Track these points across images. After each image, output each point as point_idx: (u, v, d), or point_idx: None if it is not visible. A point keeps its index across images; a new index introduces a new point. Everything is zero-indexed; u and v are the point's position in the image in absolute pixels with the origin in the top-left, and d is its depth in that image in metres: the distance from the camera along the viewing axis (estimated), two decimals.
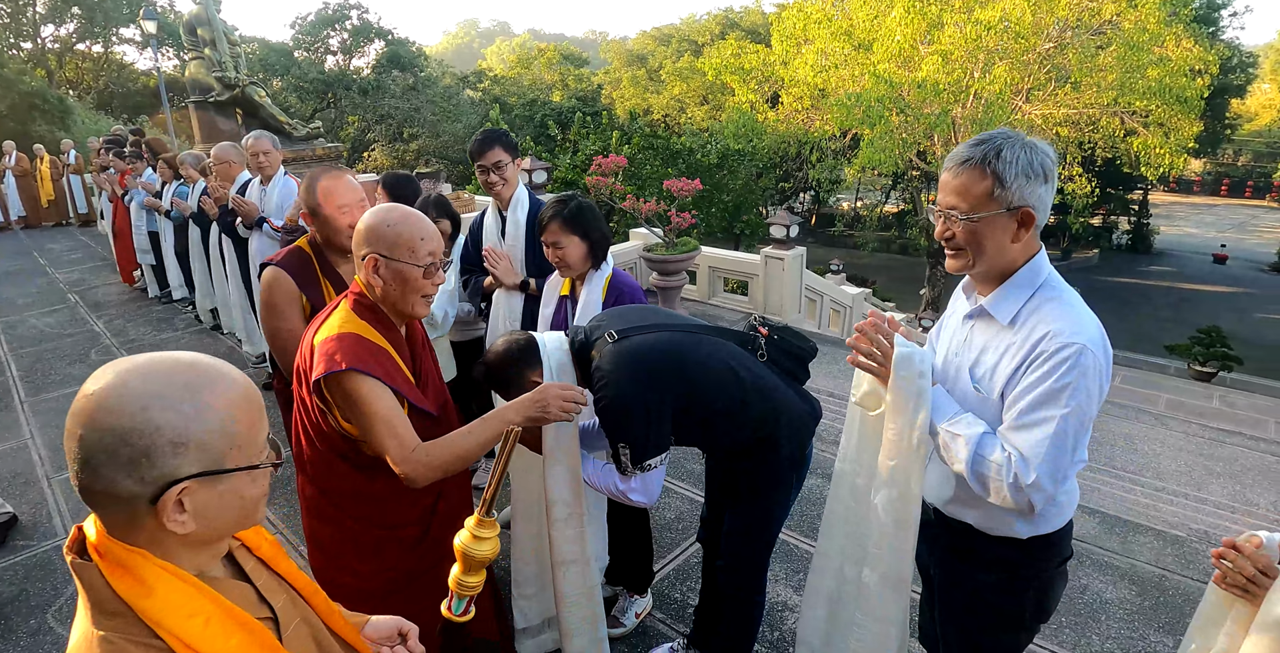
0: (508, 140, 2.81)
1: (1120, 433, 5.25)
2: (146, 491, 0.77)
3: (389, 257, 1.61)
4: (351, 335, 1.60)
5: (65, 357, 5.86)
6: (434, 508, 1.84)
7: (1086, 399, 1.34)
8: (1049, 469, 1.35)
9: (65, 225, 12.44)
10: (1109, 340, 1.40)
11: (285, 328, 2.21)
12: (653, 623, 2.62)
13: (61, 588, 3.04)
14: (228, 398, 0.82)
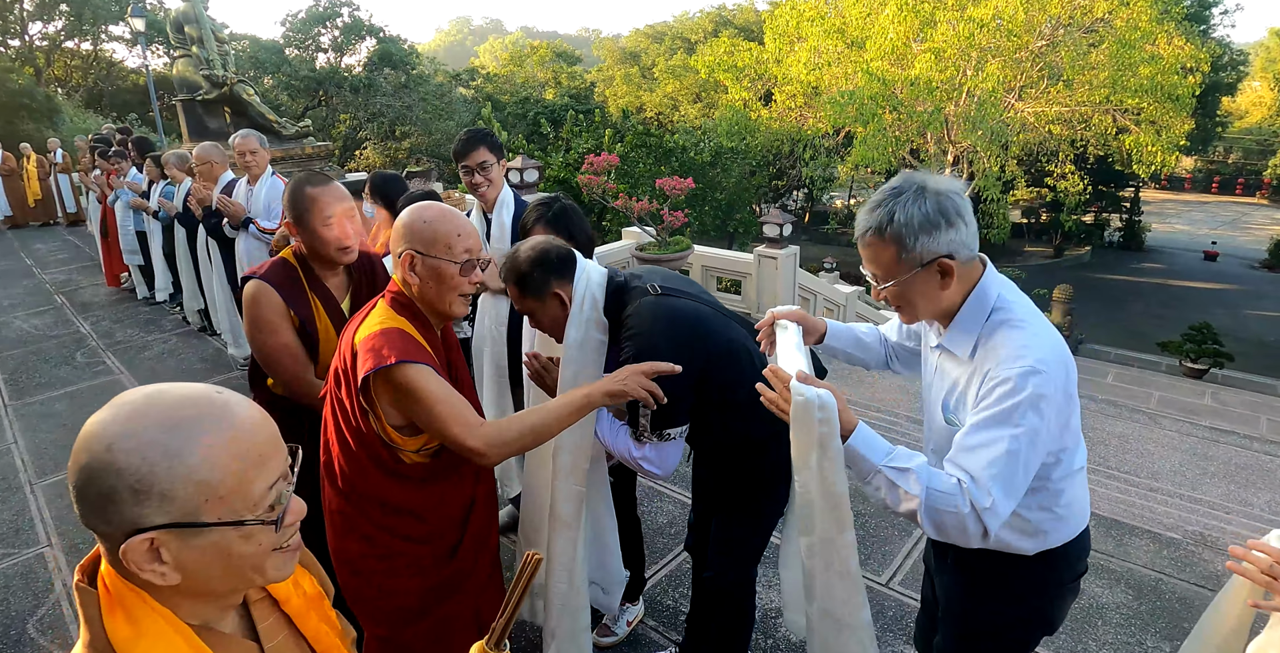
0: (493, 141, 2.76)
1: (1114, 433, 5.25)
2: (116, 534, 0.72)
3: (425, 253, 1.60)
4: (395, 330, 1.58)
5: (51, 359, 5.78)
6: (466, 520, 1.79)
7: (1038, 419, 1.29)
8: (1003, 490, 1.30)
9: (52, 225, 12.32)
10: (1068, 357, 1.36)
11: (279, 343, 2.07)
12: (644, 631, 2.59)
13: (43, 597, 2.98)
14: (211, 444, 0.73)
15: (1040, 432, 1.30)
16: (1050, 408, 1.30)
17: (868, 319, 9.20)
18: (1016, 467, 1.30)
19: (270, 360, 2.09)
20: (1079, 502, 1.51)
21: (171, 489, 0.71)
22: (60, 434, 4.45)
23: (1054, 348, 1.34)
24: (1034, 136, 17.30)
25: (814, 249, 26.34)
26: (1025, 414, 1.29)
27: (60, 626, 2.81)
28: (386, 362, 1.51)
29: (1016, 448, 1.29)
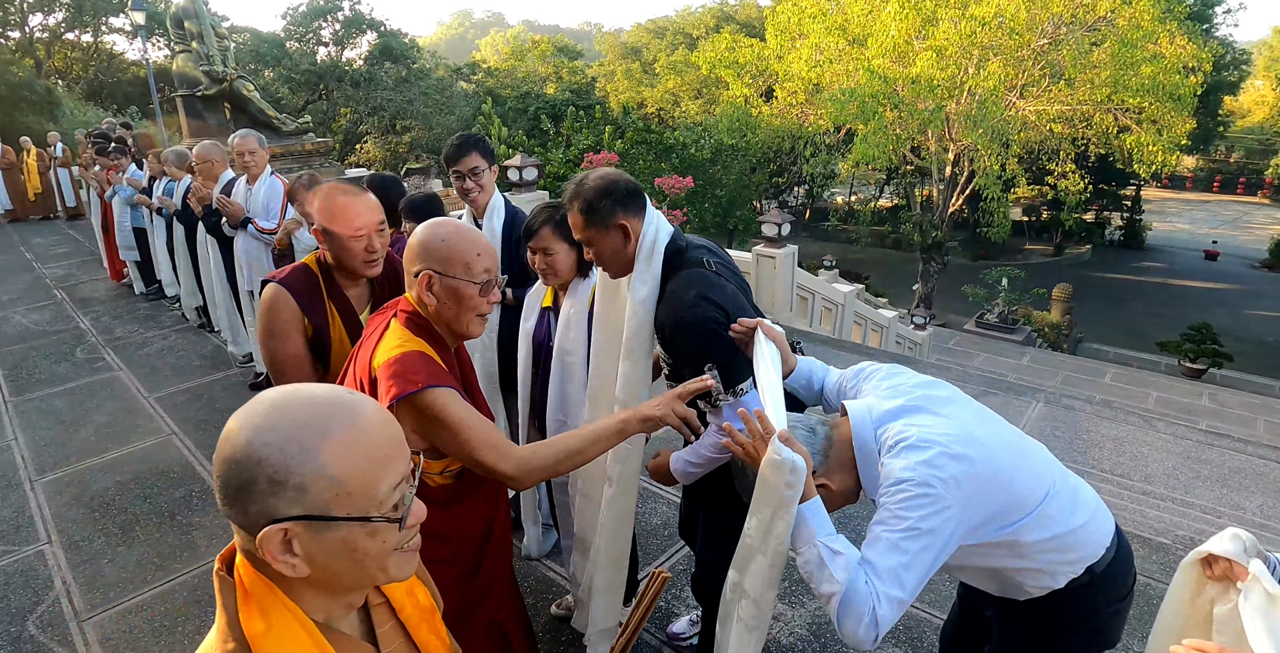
0: (485, 146, 2.77)
1: (1109, 435, 5.26)
2: (249, 523, 0.76)
3: (443, 273, 1.55)
4: (416, 353, 1.54)
5: (50, 355, 5.80)
6: (487, 538, 1.77)
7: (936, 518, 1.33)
8: (896, 586, 1.32)
9: (52, 219, 12.32)
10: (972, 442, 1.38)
11: (288, 353, 2.04)
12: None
13: (42, 594, 3.01)
14: (342, 441, 0.77)
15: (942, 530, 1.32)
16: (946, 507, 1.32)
17: (866, 318, 9.22)
18: (910, 564, 1.32)
19: (277, 369, 2.07)
20: (1095, 521, 1.49)
21: (305, 482, 0.75)
22: (59, 431, 4.48)
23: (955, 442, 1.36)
24: (1035, 135, 17.30)
25: (814, 246, 26.36)
26: (926, 518, 1.31)
27: (60, 622, 2.84)
28: (414, 387, 1.46)
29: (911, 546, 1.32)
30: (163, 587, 3.01)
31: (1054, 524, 1.44)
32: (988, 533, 1.40)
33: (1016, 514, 1.40)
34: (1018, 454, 1.46)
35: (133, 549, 3.27)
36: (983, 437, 1.40)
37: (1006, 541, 1.42)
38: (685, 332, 1.79)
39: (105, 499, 3.68)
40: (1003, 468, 1.38)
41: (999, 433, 1.48)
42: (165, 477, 3.87)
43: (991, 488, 1.36)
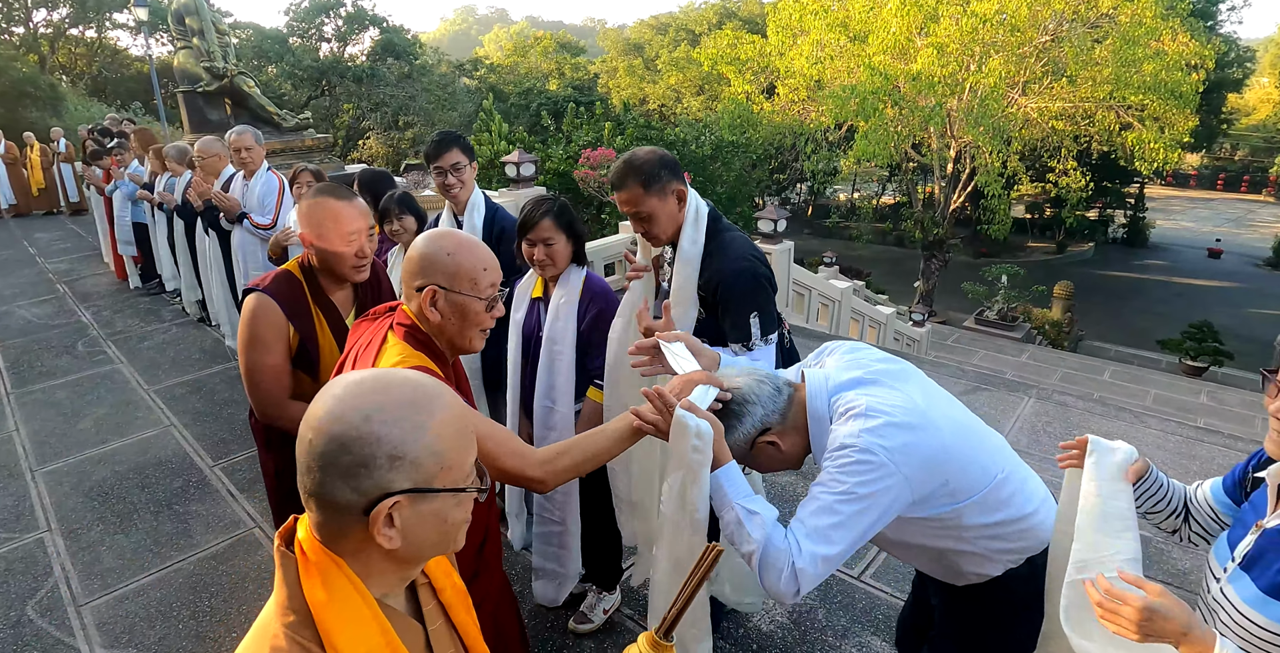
0: (464, 143, 2.81)
1: (1099, 431, 5.28)
2: (360, 501, 0.79)
3: (449, 289, 1.51)
4: (421, 369, 1.48)
5: (52, 348, 5.87)
6: (481, 548, 1.76)
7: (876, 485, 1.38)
8: (819, 544, 1.37)
9: (55, 214, 12.40)
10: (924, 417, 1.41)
11: (268, 363, 1.99)
12: (620, 619, 2.67)
13: (42, 580, 3.08)
14: (443, 419, 0.83)
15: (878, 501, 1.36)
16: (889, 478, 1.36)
17: (863, 314, 9.26)
18: (841, 525, 1.36)
19: (253, 379, 2.00)
20: (1025, 523, 1.51)
21: (420, 457, 0.80)
22: (60, 423, 4.55)
23: (902, 417, 1.40)
24: (1037, 132, 17.27)
25: (816, 243, 26.34)
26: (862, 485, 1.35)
27: (58, 607, 2.90)
28: None
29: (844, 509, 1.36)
30: (159, 574, 3.08)
31: (998, 511, 1.47)
32: (930, 509, 1.43)
33: (961, 495, 1.43)
34: (967, 436, 1.49)
35: (130, 537, 3.33)
36: (933, 414, 1.44)
37: (949, 521, 1.45)
38: (741, 280, 2.05)
39: (104, 489, 3.75)
40: (950, 447, 1.42)
41: (950, 414, 1.51)
42: (163, 467, 3.93)
43: (936, 464, 1.40)
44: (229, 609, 2.85)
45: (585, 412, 2.33)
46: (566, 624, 2.63)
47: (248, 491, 3.68)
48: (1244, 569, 1.16)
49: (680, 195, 2.11)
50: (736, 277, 2.05)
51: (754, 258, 2.10)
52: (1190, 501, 1.42)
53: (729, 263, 2.07)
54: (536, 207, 2.28)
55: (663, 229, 2.13)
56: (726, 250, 2.10)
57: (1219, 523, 1.38)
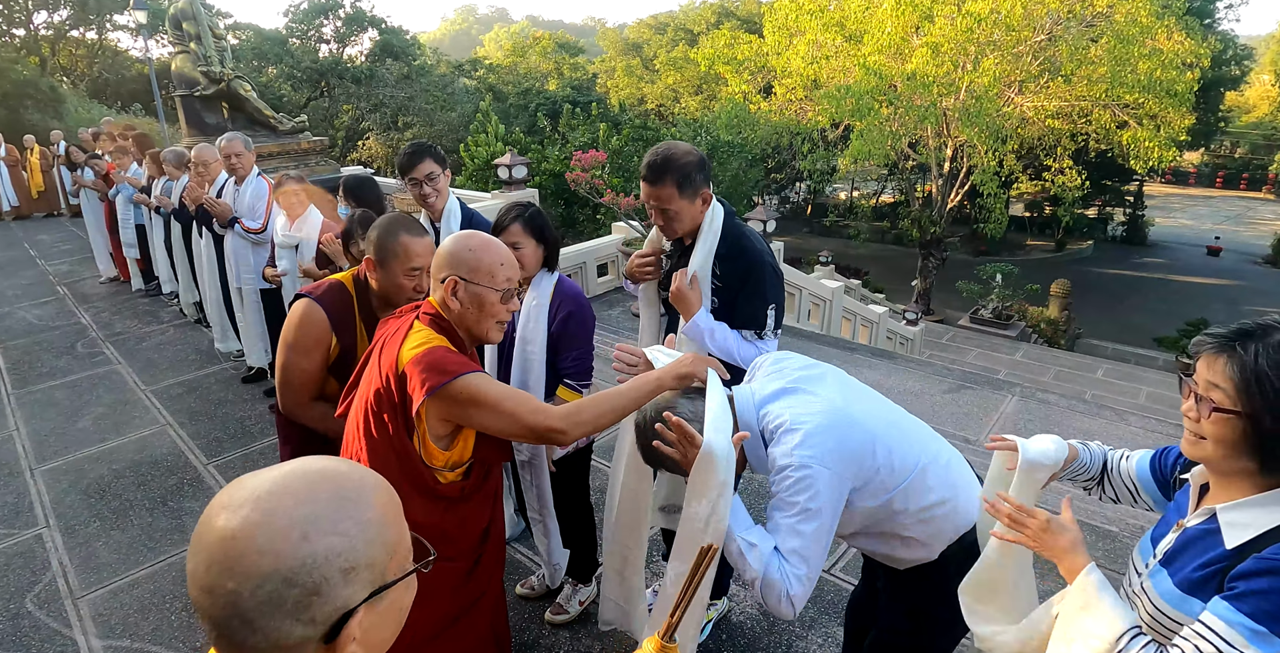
0: (436, 153, 2.89)
1: (1079, 428, 5.38)
2: (318, 632, 0.66)
3: (469, 280, 1.67)
4: (442, 348, 1.63)
5: (52, 349, 5.98)
6: (486, 534, 1.84)
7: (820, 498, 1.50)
8: (805, 565, 1.51)
9: (56, 216, 12.53)
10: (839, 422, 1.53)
11: (302, 367, 2.11)
12: (595, 610, 2.76)
13: (40, 574, 3.18)
14: (379, 503, 0.73)
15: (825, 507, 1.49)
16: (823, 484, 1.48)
17: (855, 313, 9.34)
18: (807, 543, 1.50)
19: (287, 379, 2.12)
20: (952, 504, 1.62)
21: (373, 558, 0.69)
22: (60, 422, 4.65)
23: (823, 424, 1.52)
24: (1034, 131, 17.33)
25: (815, 242, 26.39)
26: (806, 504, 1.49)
27: (56, 600, 3.01)
28: (448, 377, 1.56)
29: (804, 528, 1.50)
30: (153, 567, 3.18)
31: (927, 495, 1.59)
32: (869, 499, 1.56)
33: (891, 483, 1.56)
34: (889, 428, 1.62)
35: (126, 533, 3.44)
36: (853, 411, 1.57)
37: (885, 510, 1.58)
38: (762, 274, 2.18)
39: (101, 486, 3.85)
40: (877, 436, 1.55)
41: (871, 409, 1.64)
42: (159, 465, 4.04)
43: (866, 454, 1.53)
44: None
45: None
46: (543, 616, 2.73)
47: None
48: (1163, 565, 1.22)
49: (706, 199, 2.21)
50: (763, 268, 2.19)
51: (771, 254, 2.26)
52: (1112, 469, 1.52)
53: (754, 255, 2.20)
54: (508, 212, 2.37)
55: (684, 227, 2.23)
56: (751, 246, 2.22)
57: (1134, 495, 1.48)
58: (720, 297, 2.24)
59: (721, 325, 2.23)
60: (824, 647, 2.61)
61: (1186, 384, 1.18)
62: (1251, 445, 1.10)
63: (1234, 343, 1.11)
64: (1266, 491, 1.12)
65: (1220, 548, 1.13)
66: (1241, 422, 1.09)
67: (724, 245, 2.21)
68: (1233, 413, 1.10)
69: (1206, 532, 1.16)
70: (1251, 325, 1.12)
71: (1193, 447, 1.18)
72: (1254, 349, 1.09)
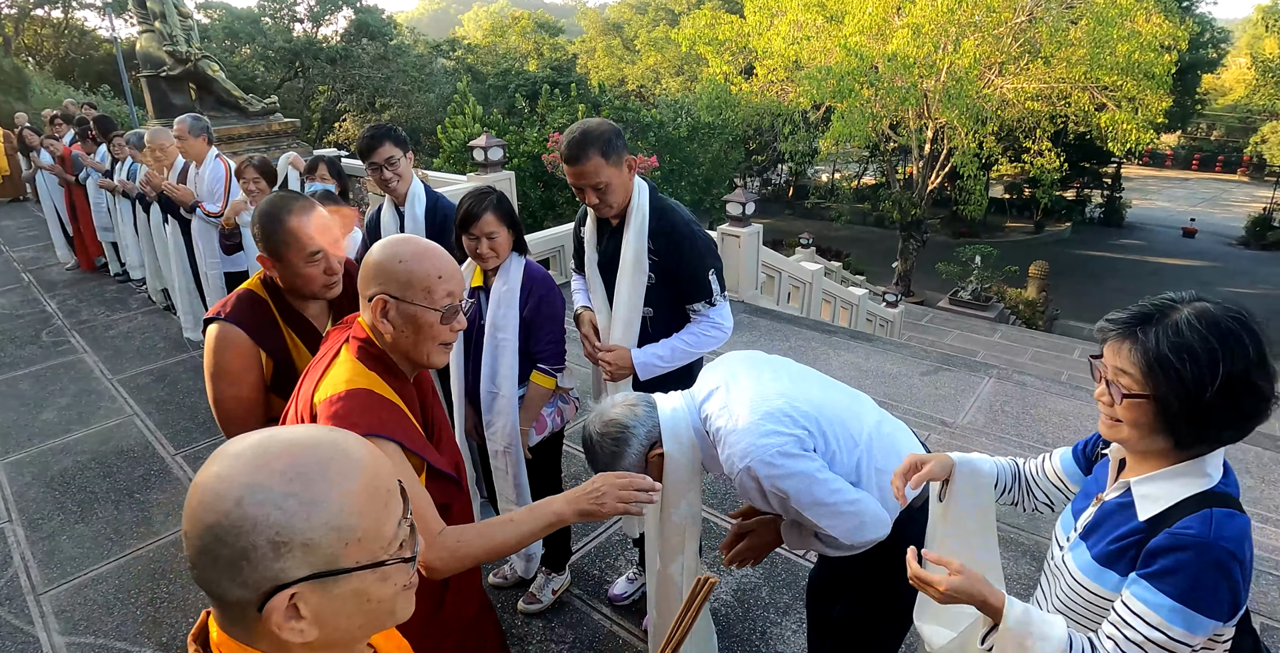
0: (396, 135, 2.81)
1: (1055, 410, 5.43)
2: (251, 596, 0.67)
3: (400, 298, 1.39)
4: (363, 392, 1.36)
5: (16, 339, 5.83)
6: (446, 582, 1.58)
7: (794, 481, 1.54)
8: (832, 524, 1.58)
9: (21, 201, 12.19)
10: (769, 429, 1.55)
11: (233, 394, 1.84)
12: (569, 599, 2.74)
13: (1, 569, 3.11)
14: (344, 487, 0.69)
15: (802, 478, 1.54)
16: (785, 467, 1.53)
17: (835, 295, 9.34)
18: (819, 506, 1.56)
19: (221, 410, 1.86)
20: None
21: (313, 539, 0.67)
22: (23, 413, 4.54)
23: (750, 430, 1.55)
24: (1013, 113, 17.35)
25: (797, 224, 26.39)
26: (777, 487, 1.54)
27: (17, 596, 2.94)
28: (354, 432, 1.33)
29: (805, 501, 1.56)
30: (118, 561, 3.12)
31: (873, 466, 1.63)
32: (837, 467, 1.60)
33: (841, 458, 1.59)
34: (833, 403, 1.66)
35: (90, 526, 3.36)
36: (794, 391, 1.61)
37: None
38: (694, 242, 2.20)
39: (65, 478, 3.77)
40: (821, 405, 1.60)
41: (808, 389, 1.67)
42: (125, 456, 3.95)
43: (819, 419, 1.58)
44: (186, 595, 2.90)
45: (530, 395, 2.39)
46: (516, 605, 2.71)
47: None
48: (1082, 539, 1.24)
49: (631, 165, 2.18)
50: (694, 238, 2.21)
51: (699, 224, 2.27)
52: (1032, 476, 1.52)
53: (683, 227, 2.22)
54: (478, 201, 2.29)
55: (617, 199, 2.19)
56: (676, 215, 2.24)
57: (1065, 493, 1.47)
58: (657, 272, 2.23)
59: (663, 344, 2.26)
60: (798, 633, 2.60)
61: (1096, 369, 1.20)
62: (1163, 426, 1.12)
63: (1135, 328, 1.12)
64: (1177, 463, 1.15)
65: (1134, 521, 1.15)
66: (1151, 404, 1.11)
67: (653, 221, 2.21)
68: (1142, 397, 1.12)
69: (1122, 505, 1.19)
70: (1150, 308, 1.14)
71: (1110, 430, 1.20)
72: (1154, 333, 1.10)
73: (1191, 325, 1.08)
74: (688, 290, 2.22)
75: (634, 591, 2.72)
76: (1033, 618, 1.17)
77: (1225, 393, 1.07)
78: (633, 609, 2.69)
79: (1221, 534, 1.06)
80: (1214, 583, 1.05)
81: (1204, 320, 1.09)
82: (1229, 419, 1.10)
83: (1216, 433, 1.11)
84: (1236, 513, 1.10)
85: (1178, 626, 1.05)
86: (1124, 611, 1.10)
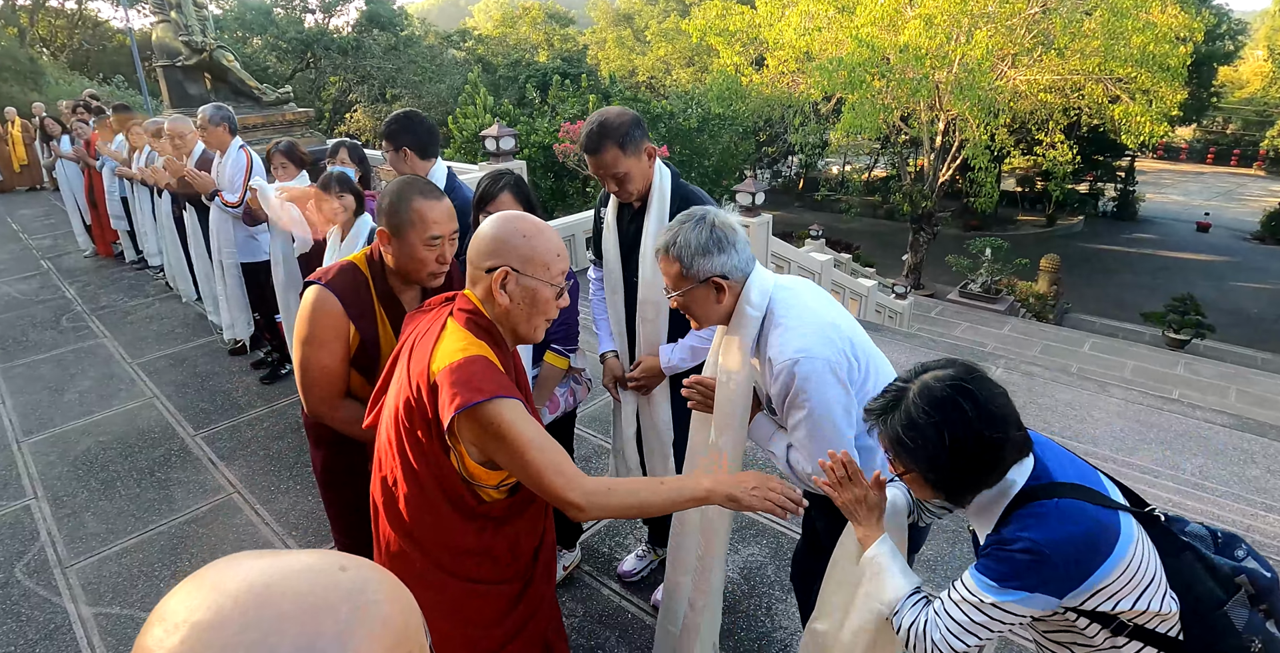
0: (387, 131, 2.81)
1: (1063, 400, 5.45)
2: None
3: (522, 271, 1.44)
4: (482, 359, 1.40)
5: (37, 324, 5.95)
6: (536, 556, 1.64)
7: (821, 396, 1.58)
8: (809, 455, 1.67)
9: (39, 190, 12.36)
10: (845, 333, 1.66)
11: (322, 364, 1.86)
12: (579, 575, 2.82)
13: (29, 544, 3.20)
14: (384, 645, 0.51)
15: (826, 406, 1.60)
16: (827, 384, 1.59)
17: (844, 286, 9.37)
18: (820, 435, 1.62)
19: (305, 376, 1.88)
20: None
21: None
22: (46, 396, 4.65)
23: (821, 337, 1.62)
24: (1026, 105, 17.22)
25: (808, 216, 26.33)
26: (809, 396, 1.60)
27: (45, 569, 3.04)
28: (481, 397, 1.34)
29: (813, 424, 1.62)
30: (141, 537, 3.21)
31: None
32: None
33: (857, 377, 1.68)
34: (875, 353, 1.76)
35: (113, 503, 3.46)
36: (854, 327, 1.72)
37: None
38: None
39: (89, 458, 3.86)
40: (856, 358, 1.67)
41: (858, 328, 1.75)
42: (145, 437, 4.05)
43: (841, 376, 1.64)
44: None
45: (543, 375, 2.45)
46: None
47: (228, 458, 3.81)
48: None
49: (650, 153, 2.23)
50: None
51: None
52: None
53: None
54: (495, 181, 2.36)
55: (637, 186, 2.25)
56: (697, 199, 2.27)
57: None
58: None
59: (681, 346, 2.30)
60: None
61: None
62: (939, 490, 1.32)
63: (882, 417, 1.31)
64: (975, 501, 1.35)
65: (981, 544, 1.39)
66: (917, 477, 1.31)
67: (675, 205, 2.25)
68: (905, 473, 1.32)
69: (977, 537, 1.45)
70: (892, 394, 1.32)
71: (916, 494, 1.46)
72: (891, 420, 1.29)
73: (915, 404, 1.25)
74: None
75: (643, 567, 2.78)
76: (895, 561, 1.43)
77: (959, 454, 1.23)
78: (641, 585, 2.76)
79: (1019, 529, 1.26)
80: (1014, 563, 1.24)
81: (924, 398, 1.25)
82: (978, 470, 1.26)
83: (976, 481, 1.29)
84: (1038, 506, 1.27)
85: (984, 590, 1.28)
86: (956, 584, 1.34)
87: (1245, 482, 4.34)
